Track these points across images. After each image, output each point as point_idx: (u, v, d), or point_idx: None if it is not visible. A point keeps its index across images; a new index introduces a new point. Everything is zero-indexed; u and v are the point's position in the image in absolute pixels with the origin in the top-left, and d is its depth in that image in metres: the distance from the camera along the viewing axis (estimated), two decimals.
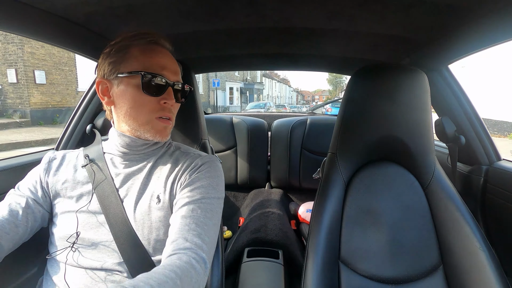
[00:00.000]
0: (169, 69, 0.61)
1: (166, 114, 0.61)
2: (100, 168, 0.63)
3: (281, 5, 0.70)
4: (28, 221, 0.59)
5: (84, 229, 0.58)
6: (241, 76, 23.13)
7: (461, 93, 1.06)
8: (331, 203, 0.78)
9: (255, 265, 1.11)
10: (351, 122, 0.81)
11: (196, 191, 0.59)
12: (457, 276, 0.71)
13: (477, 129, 1.05)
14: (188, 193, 0.59)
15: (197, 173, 0.62)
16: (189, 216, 0.55)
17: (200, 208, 0.57)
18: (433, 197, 0.77)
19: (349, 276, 0.74)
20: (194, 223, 0.54)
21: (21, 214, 0.58)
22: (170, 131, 0.65)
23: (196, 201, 0.58)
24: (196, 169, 0.63)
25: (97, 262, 0.56)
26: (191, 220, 0.54)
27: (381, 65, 0.79)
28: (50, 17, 0.68)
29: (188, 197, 0.58)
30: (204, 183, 0.61)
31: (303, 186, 1.78)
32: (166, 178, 0.62)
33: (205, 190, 0.60)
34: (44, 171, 0.64)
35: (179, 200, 0.58)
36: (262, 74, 28.78)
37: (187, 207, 0.56)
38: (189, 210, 0.56)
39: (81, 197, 0.61)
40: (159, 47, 0.62)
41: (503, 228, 0.96)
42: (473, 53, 0.83)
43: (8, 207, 0.58)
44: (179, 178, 0.62)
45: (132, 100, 0.58)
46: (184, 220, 0.54)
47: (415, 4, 0.65)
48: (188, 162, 0.65)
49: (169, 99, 0.60)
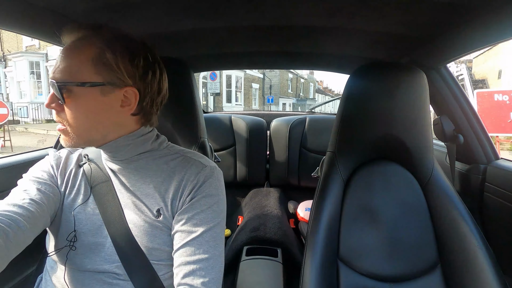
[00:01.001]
0: (54, 69, 0.53)
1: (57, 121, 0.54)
2: (98, 168, 0.62)
3: (281, 3, 0.70)
4: (42, 216, 0.55)
5: (82, 229, 0.57)
6: (294, 92, 23.36)
7: (460, 92, 1.06)
8: (330, 202, 0.78)
9: (254, 264, 1.11)
10: (350, 121, 0.81)
11: (198, 222, 0.56)
12: (455, 274, 0.71)
13: (476, 128, 1.05)
14: (189, 226, 0.56)
15: (199, 195, 0.58)
16: (193, 262, 0.54)
17: (202, 244, 0.55)
18: (431, 196, 0.78)
19: (348, 274, 0.74)
20: (199, 267, 0.54)
21: (37, 209, 0.53)
22: (67, 139, 0.54)
23: (199, 236, 0.56)
24: (198, 188, 0.59)
25: (95, 264, 0.56)
26: (196, 265, 0.54)
27: (380, 64, 0.79)
28: (47, 14, 0.68)
29: (190, 232, 0.56)
30: (206, 208, 0.58)
31: (302, 185, 1.79)
32: (166, 191, 0.59)
33: (206, 216, 0.57)
34: (52, 168, 0.62)
35: (180, 232, 0.56)
36: (315, 90, 28.87)
37: (189, 248, 0.55)
38: (191, 251, 0.55)
39: (79, 196, 0.60)
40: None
41: (501, 226, 0.96)
42: (472, 51, 0.83)
43: (22, 200, 0.53)
44: (180, 196, 0.58)
45: None
46: (189, 266, 0.54)
47: (415, 2, 0.65)
48: (188, 176, 0.60)
49: (48, 100, 0.53)
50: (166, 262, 0.59)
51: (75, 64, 0.52)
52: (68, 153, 0.66)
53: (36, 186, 0.57)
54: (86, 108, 0.53)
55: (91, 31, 0.54)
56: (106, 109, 0.55)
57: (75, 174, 0.63)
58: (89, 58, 0.52)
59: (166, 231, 0.58)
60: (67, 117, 0.52)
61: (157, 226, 0.57)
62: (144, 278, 0.55)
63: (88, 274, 0.56)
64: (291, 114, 2.08)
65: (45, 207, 0.55)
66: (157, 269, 0.57)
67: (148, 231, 0.57)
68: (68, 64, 0.51)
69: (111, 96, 0.54)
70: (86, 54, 0.52)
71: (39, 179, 0.59)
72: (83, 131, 0.54)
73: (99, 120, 0.55)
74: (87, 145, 0.57)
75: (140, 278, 0.55)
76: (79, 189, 0.61)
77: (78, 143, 0.54)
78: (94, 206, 0.59)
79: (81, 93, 0.52)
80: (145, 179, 0.60)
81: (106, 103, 0.54)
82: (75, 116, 0.52)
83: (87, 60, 0.52)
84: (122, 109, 0.56)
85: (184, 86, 0.83)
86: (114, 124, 0.57)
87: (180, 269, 0.54)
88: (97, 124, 0.55)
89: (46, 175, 0.60)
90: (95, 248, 0.57)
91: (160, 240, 0.57)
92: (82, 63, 0.52)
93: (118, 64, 0.53)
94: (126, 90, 0.55)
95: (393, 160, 0.82)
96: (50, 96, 0.53)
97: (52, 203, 0.57)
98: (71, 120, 0.52)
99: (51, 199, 0.57)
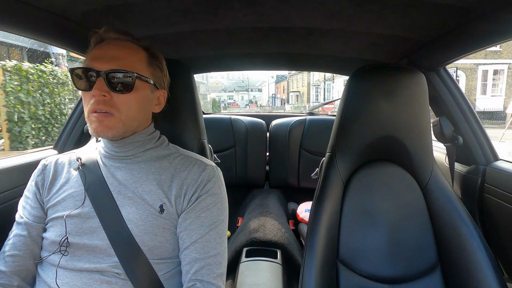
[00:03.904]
0: (103, 58, 0.56)
1: (96, 108, 0.54)
2: (92, 170, 0.61)
3: (280, 5, 0.70)
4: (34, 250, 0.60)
5: (78, 234, 0.57)
6: None
7: (459, 93, 1.06)
8: (329, 203, 0.78)
9: (253, 265, 1.11)
10: (349, 122, 0.81)
11: (205, 220, 0.60)
12: (455, 275, 0.71)
13: (475, 129, 1.05)
14: (196, 225, 0.59)
15: (204, 194, 0.61)
16: (202, 259, 0.58)
17: (210, 241, 0.59)
18: (431, 197, 0.78)
19: (348, 275, 0.74)
20: (208, 263, 0.58)
21: (27, 249, 0.59)
22: (114, 126, 0.56)
23: (206, 234, 0.59)
24: (202, 187, 0.61)
25: (92, 265, 0.55)
26: (205, 262, 0.58)
27: (380, 65, 0.79)
28: (48, 15, 0.68)
29: (197, 230, 0.59)
30: (211, 206, 0.61)
31: (301, 186, 1.79)
32: (169, 188, 0.60)
33: (212, 214, 0.61)
34: (40, 182, 0.63)
35: (188, 230, 0.59)
36: None
37: (198, 245, 0.58)
38: (200, 248, 0.58)
39: (73, 200, 0.59)
40: (106, 41, 0.60)
41: (500, 227, 0.96)
42: (471, 53, 0.84)
43: (15, 245, 0.59)
44: (185, 194, 0.60)
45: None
46: (199, 263, 0.57)
47: (414, 4, 0.65)
48: (192, 175, 0.62)
49: (96, 89, 0.54)
50: (166, 260, 0.59)
51: (134, 61, 0.58)
52: (56, 161, 0.66)
53: (25, 220, 0.60)
54: (141, 99, 0.60)
55: (132, 37, 0.62)
56: (150, 104, 0.64)
57: (68, 179, 0.62)
58: (143, 59, 0.61)
59: (168, 228, 0.59)
60: (119, 105, 0.56)
61: (160, 223, 0.58)
62: (143, 277, 0.55)
63: (85, 273, 0.55)
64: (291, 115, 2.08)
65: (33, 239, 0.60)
66: (157, 269, 0.57)
67: (149, 229, 0.57)
68: (127, 59, 0.57)
69: (154, 94, 0.64)
70: (141, 54, 0.61)
71: (27, 211, 0.61)
72: (131, 119, 0.59)
73: (144, 112, 0.62)
74: (123, 134, 0.60)
75: (140, 277, 0.55)
76: (73, 194, 0.60)
77: (119, 131, 0.58)
78: (90, 209, 0.58)
79: (141, 86, 0.59)
80: (148, 176, 0.61)
81: (151, 99, 0.64)
82: (130, 105, 0.58)
83: (142, 60, 0.60)
84: (154, 107, 0.66)
85: (185, 87, 0.84)
86: (145, 119, 0.64)
87: (191, 266, 0.57)
88: (141, 115, 0.62)
89: (31, 199, 0.63)
90: (93, 250, 0.56)
91: (161, 238, 0.58)
92: (140, 61, 0.60)
93: (164, 69, 0.66)
94: (162, 92, 0.67)
95: (392, 161, 0.82)
96: (102, 85, 0.54)
97: (38, 227, 0.61)
98: (124, 107, 0.57)
99: (38, 221, 0.61)
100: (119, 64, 0.56)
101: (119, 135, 0.59)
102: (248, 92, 49.81)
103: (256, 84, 50.66)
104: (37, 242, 0.60)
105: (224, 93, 49.60)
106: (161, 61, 0.65)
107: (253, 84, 51.47)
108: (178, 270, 0.61)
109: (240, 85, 51.98)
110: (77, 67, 0.56)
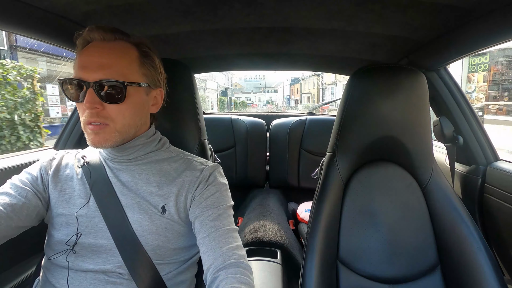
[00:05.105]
0: (89, 67, 0.52)
1: (91, 120, 0.53)
2: (96, 169, 0.61)
3: (280, 5, 0.70)
4: (24, 214, 0.56)
5: (83, 232, 0.57)
6: None
7: (459, 94, 1.06)
8: (329, 203, 0.78)
9: (253, 265, 1.11)
10: (349, 122, 0.81)
11: (215, 202, 0.60)
12: (455, 275, 0.71)
13: (475, 130, 1.05)
14: (208, 208, 0.59)
15: (208, 185, 0.62)
16: (224, 234, 0.57)
17: (226, 219, 0.60)
18: (431, 197, 0.78)
19: (348, 276, 0.74)
20: (231, 235, 0.58)
21: (19, 206, 0.55)
22: (109, 138, 0.55)
23: (221, 214, 0.59)
24: (205, 180, 0.62)
25: (97, 265, 0.55)
26: (228, 235, 0.57)
27: (380, 66, 0.79)
28: (48, 16, 0.68)
29: (211, 209, 0.59)
30: (218, 194, 0.62)
31: (301, 186, 1.79)
32: (170, 189, 0.60)
33: (217, 201, 0.61)
34: (45, 169, 0.62)
35: (201, 216, 0.59)
36: None
37: (216, 222, 0.58)
38: (218, 225, 0.58)
39: (78, 199, 0.59)
40: (91, 44, 0.55)
41: (501, 228, 0.96)
42: (471, 53, 0.84)
43: (5, 196, 0.55)
44: (187, 192, 0.61)
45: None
46: (224, 236, 0.57)
47: (414, 4, 0.65)
48: (193, 174, 0.63)
49: (88, 102, 0.51)
50: (168, 260, 0.59)
51: (124, 66, 0.54)
52: (63, 156, 0.66)
53: (12, 191, 0.56)
54: (135, 105, 0.57)
55: (120, 34, 0.57)
56: (145, 107, 0.61)
57: (72, 177, 0.62)
58: (134, 60, 0.56)
59: (170, 228, 0.59)
60: (113, 115, 0.54)
61: (162, 223, 0.58)
62: (146, 277, 0.56)
63: (90, 274, 0.55)
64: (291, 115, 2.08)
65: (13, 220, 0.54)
66: (160, 269, 0.58)
67: (153, 229, 0.57)
68: (115, 65, 0.53)
69: (150, 95, 0.61)
70: (131, 55, 0.56)
71: (18, 186, 0.58)
72: (127, 127, 0.57)
73: (139, 117, 0.60)
74: (122, 142, 0.59)
75: (143, 277, 0.55)
76: (79, 192, 0.60)
77: (117, 140, 0.56)
78: (95, 208, 0.58)
79: (132, 92, 0.55)
80: (148, 178, 0.61)
81: (146, 101, 0.60)
82: (124, 114, 0.55)
83: (133, 62, 0.56)
84: (151, 108, 0.63)
85: (185, 87, 0.84)
86: (143, 122, 0.62)
87: (217, 243, 0.56)
88: (137, 120, 0.59)
89: (29, 180, 0.60)
90: (97, 249, 0.56)
91: (164, 238, 0.58)
92: (130, 64, 0.56)
93: (158, 66, 0.61)
94: (158, 91, 0.63)
95: (393, 161, 0.82)
96: (93, 96, 0.52)
97: (25, 209, 0.56)
98: (118, 117, 0.55)
99: (25, 205, 0.56)
100: (107, 73, 0.52)
101: (118, 144, 0.58)
102: (264, 94, 51.37)
103: (272, 85, 52.10)
104: (22, 206, 0.56)
105: (242, 94, 51.06)
106: (154, 59, 0.60)
107: (269, 85, 52.91)
108: (180, 270, 0.62)
109: (257, 87, 53.54)
110: (65, 78, 0.54)
